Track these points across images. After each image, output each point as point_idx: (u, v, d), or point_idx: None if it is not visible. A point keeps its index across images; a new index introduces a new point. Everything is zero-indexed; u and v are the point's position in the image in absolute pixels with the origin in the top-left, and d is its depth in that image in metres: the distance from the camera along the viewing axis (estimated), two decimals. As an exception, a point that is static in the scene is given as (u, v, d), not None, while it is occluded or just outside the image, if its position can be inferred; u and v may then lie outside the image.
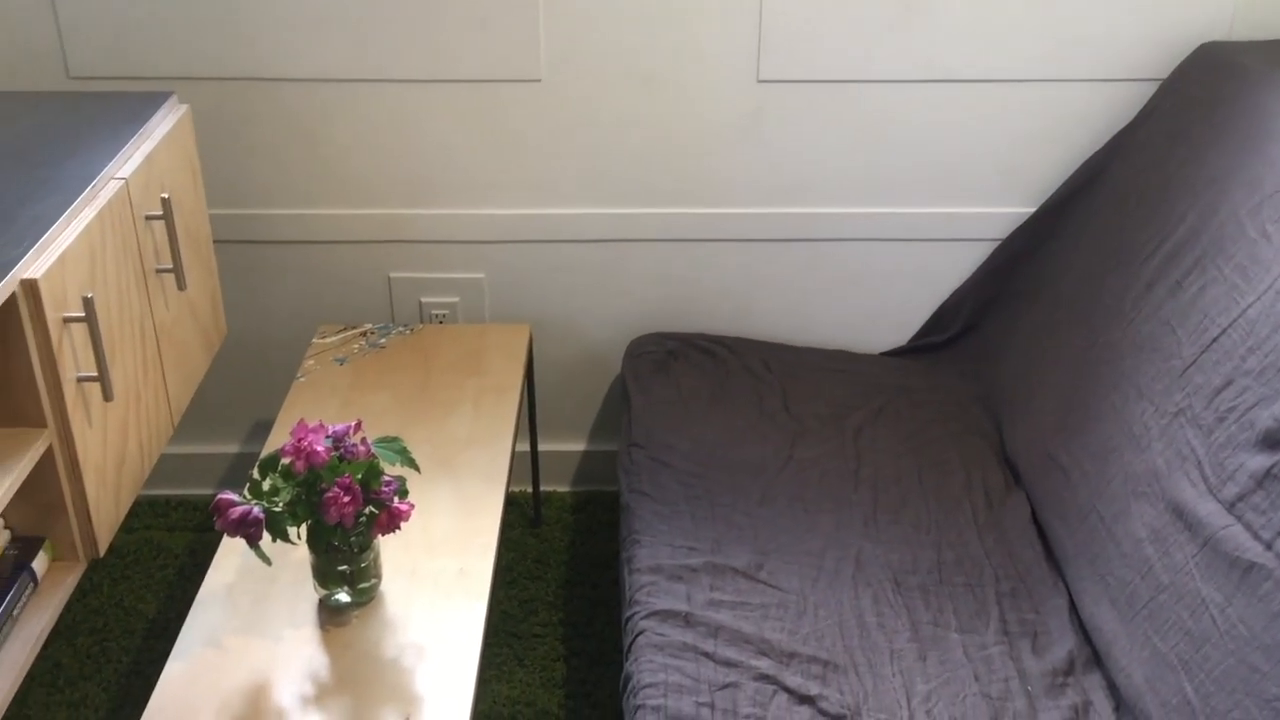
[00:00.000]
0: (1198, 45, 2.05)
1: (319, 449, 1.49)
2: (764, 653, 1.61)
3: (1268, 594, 1.39)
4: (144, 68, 2.08)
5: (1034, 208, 2.20)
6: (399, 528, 1.53)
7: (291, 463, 1.50)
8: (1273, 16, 2.05)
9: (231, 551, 1.67)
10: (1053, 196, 2.18)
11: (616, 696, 1.64)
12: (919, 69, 2.09)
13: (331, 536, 1.52)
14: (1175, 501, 1.58)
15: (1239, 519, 1.48)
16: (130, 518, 2.35)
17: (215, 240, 2.01)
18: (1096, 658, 1.64)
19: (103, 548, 1.61)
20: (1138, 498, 1.65)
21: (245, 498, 1.49)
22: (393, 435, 1.58)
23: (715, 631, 1.63)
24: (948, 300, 2.30)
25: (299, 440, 1.50)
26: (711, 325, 2.31)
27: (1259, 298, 1.59)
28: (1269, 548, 1.42)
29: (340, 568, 1.58)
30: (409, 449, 1.57)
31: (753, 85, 2.11)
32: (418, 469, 1.58)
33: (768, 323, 2.32)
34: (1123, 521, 1.66)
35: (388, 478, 1.52)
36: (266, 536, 1.48)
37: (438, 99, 2.12)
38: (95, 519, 1.58)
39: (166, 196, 1.73)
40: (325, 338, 2.16)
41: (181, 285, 1.79)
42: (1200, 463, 1.57)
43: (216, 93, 2.10)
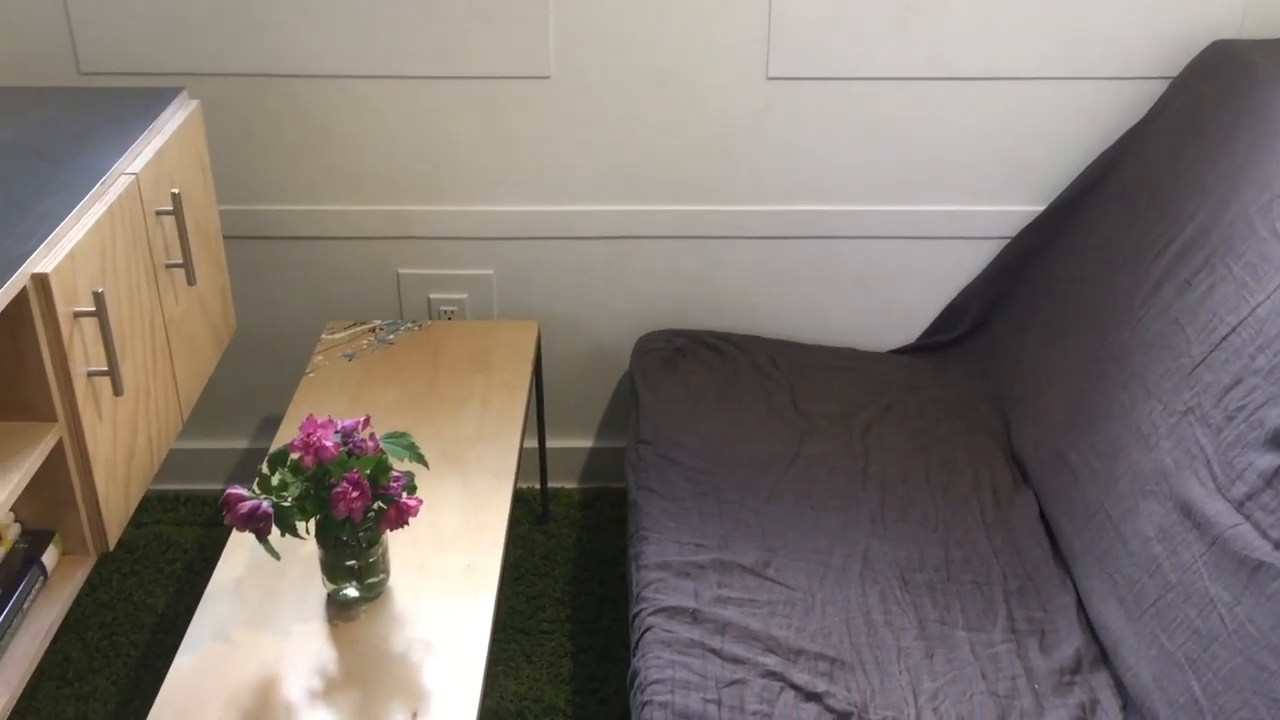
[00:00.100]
0: (1208, 43, 2.04)
1: (328, 444, 1.49)
2: (771, 649, 1.61)
3: (1276, 593, 1.39)
4: (154, 63, 2.08)
5: (1043, 206, 2.20)
6: (407, 523, 1.54)
7: (300, 458, 1.50)
8: (1284, 15, 2.04)
9: (240, 546, 1.67)
10: (1062, 195, 2.18)
11: (624, 692, 1.64)
12: (929, 67, 2.09)
13: (340, 531, 1.53)
14: (1184, 500, 1.58)
15: (1247, 518, 1.47)
16: (139, 512, 2.36)
17: (225, 236, 2.01)
18: (1104, 656, 1.64)
19: (112, 541, 1.61)
20: (1146, 496, 1.65)
21: (254, 492, 1.50)
22: (401, 431, 1.59)
23: (722, 628, 1.63)
24: (956, 298, 2.29)
25: (308, 435, 1.50)
26: (720, 322, 2.31)
27: (1269, 296, 1.59)
28: (1277, 547, 1.42)
29: (348, 563, 1.58)
30: (417, 445, 1.57)
31: (762, 82, 2.11)
32: (426, 465, 1.58)
33: (776, 320, 2.32)
34: (1131, 520, 1.66)
35: (396, 473, 1.53)
36: (275, 531, 1.49)
37: (447, 95, 2.12)
38: (105, 513, 1.58)
39: (176, 192, 1.74)
40: (334, 333, 2.17)
41: (191, 280, 1.80)
42: (1209, 461, 1.57)
43: (226, 88, 2.10)
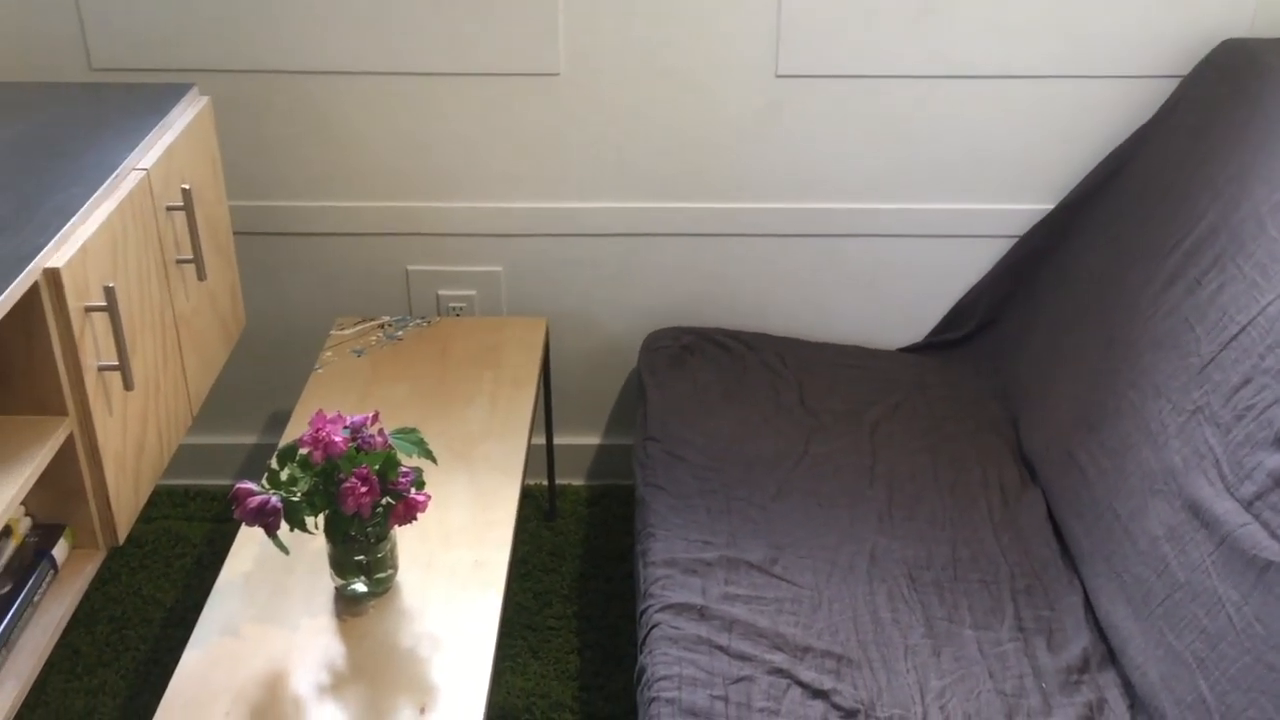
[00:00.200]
0: (1219, 42, 2.04)
1: (337, 439, 1.50)
2: (778, 647, 1.61)
3: (1284, 593, 1.39)
4: (165, 60, 2.09)
5: (1053, 204, 2.19)
6: (415, 519, 1.54)
7: (309, 453, 1.50)
8: (1295, 13, 2.04)
9: (249, 541, 1.68)
10: (1072, 193, 2.17)
11: (631, 689, 1.64)
12: (938, 65, 2.09)
13: (348, 527, 1.53)
14: (1192, 499, 1.57)
15: (1256, 517, 1.47)
16: (149, 507, 2.37)
17: (235, 231, 2.02)
18: (1111, 655, 1.64)
19: (122, 535, 1.62)
20: (1154, 495, 1.65)
21: (263, 487, 1.50)
22: (410, 427, 1.59)
23: (730, 625, 1.63)
24: (965, 296, 2.29)
25: (317, 431, 1.50)
26: (728, 320, 2.31)
27: (1278, 296, 1.58)
28: (1286, 546, 1.42)
29: (357, 558, 1.58)
30: (426, 440, 1.58)
31: (771, 80, 2.11)
32: (434, 460, 1.58)
33: (784, 317, 2.32)
34: (1139, 519, 1.66)
35: (405, 469, 1.53)
36: (284, 526, 1.49)
37: (457, 92, 2.12)
38: (115, 507, 1.59)
39: (187, 187, 1.74)
40: (343, 329, 2.17)
41: (201, 276, 1.80)
42: (1218, 461, 1.56)
43: (237, 85, 2.11)
